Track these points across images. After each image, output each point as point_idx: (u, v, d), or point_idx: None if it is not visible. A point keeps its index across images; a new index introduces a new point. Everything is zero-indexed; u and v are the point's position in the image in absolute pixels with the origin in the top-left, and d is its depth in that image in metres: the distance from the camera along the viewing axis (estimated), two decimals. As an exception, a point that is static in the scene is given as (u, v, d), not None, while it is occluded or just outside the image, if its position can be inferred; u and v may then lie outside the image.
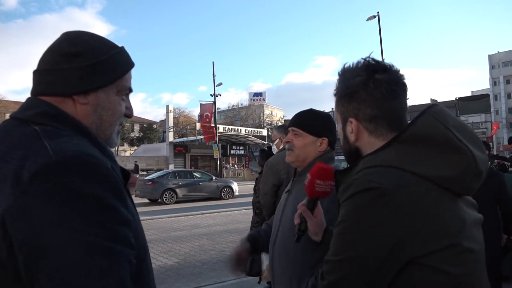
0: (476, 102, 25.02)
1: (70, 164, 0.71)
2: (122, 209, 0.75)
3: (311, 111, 1.70)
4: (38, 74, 0.88)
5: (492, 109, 31.27)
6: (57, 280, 0.66)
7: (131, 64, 0.95)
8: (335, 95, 1.05)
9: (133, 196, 0.95)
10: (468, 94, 58.44)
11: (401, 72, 0.98)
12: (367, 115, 0.96)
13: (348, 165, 1.03)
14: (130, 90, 0.96)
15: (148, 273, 0.89)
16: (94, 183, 0.72)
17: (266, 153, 4.52)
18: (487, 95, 27.51)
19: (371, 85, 0.95)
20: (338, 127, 1.07)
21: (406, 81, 0.98)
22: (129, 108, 0.97)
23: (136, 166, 22.97)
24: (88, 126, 0.87)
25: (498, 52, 69.26)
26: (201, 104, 29.75)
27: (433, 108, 0.91)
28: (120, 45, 0.94)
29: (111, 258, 0.69)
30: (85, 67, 0.86)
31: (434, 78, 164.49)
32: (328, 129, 1.65)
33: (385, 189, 0.81)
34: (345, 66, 1.02)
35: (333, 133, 1.66)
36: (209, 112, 29.11)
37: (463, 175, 0.84)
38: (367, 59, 0.98)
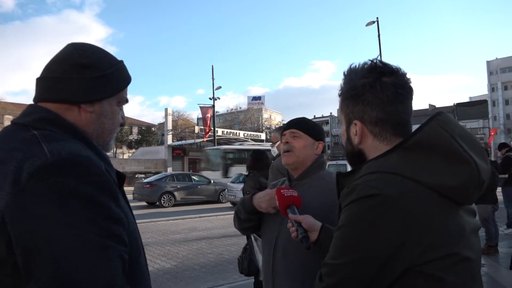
0: (474, 108, 25.08)
1: (64, 165, 0.77)
2: (114, 207, 0.80)
3: (306, 118, 1.77)
4: (44, 81, 0.93)
5: (490, 115, 31.40)
6: (49, 273, 0.70)
7: (130, 78, 1.04)
8: (339, 95, 1.04)
9: (130, 198, 1.00)
10: (466, 100, 58.49)
11: (408, 76, 0.97)
12: (373, 118, 0.95)
13: (351, 168, 1.03)
14: (127, 101, 1.04)
15: (143, 276, 0.92)
16: (87, 182, 0.77)
17: (256, 155, 4.52)
18: (485, 101, 27.61)
19: (378, 87, 0.94)
20: (342, 128, 1.08)
21: (412, 85, 0.97)
22: (123, 118, 1.05)
23: None
24: (86, 132, 0.93)
25: (496, 58, 69.61)
26: (200, 107, 29.76)
27: (439, 116, 0.89)
28: (119, 59, 1.01)
29: (101, 252, 0.74)
30: (95, 78, 0.92)
31: (432, 84, 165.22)
32: (323, 134, 1.73)
33: (386, 196, 0.81)
34: (351, 66, 1.01)
35: (324, 139, 1.74)
36: (208, 115, 29.16)
37: (466, 185, 0.84)
38: (374, 61, 0.98)
